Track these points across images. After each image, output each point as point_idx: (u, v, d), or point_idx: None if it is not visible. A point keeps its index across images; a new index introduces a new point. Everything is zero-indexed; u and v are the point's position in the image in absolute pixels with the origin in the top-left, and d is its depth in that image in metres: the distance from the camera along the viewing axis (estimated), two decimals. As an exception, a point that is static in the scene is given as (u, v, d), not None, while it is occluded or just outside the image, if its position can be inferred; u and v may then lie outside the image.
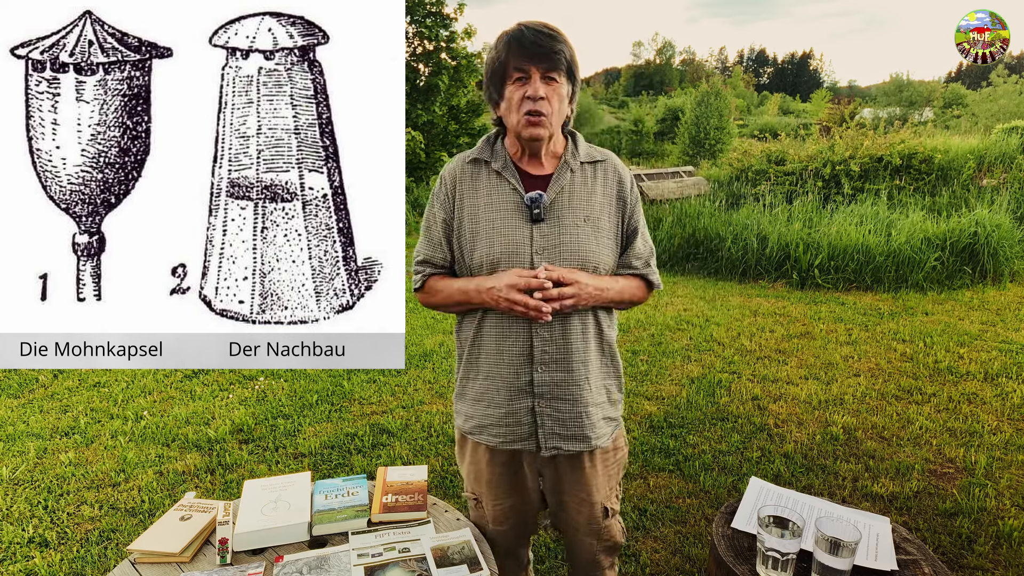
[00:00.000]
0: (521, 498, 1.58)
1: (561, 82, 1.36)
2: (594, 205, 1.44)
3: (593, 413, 1.47)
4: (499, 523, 1.60)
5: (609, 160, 1.50)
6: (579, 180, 1.45)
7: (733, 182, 10.55)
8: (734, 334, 4.93)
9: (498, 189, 1.44)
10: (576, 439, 1.47)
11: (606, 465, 1.55)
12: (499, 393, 1.46)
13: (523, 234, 1.40)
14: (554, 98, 1.36)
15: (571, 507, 1.56)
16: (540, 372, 1.43)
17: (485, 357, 1.47)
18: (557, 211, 1.41)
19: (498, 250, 1.40)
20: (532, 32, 1.34)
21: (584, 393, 1.45)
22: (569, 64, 1.36)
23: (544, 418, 1.45)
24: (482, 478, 1.57)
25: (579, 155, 1.46)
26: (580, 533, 1.59)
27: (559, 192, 1.42)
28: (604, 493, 1.56)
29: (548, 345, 1.42)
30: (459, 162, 1.50)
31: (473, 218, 1.44)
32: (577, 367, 1.44)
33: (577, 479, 1.53)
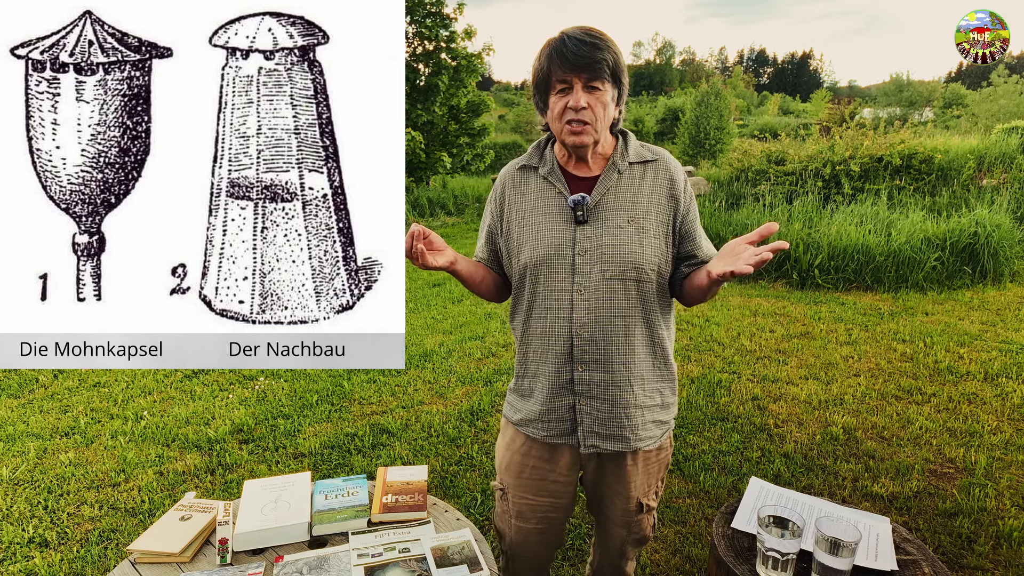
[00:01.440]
0: (549, 498, 1.58)
1: (605, 88, 1.36)
2: (640, 205, 1.43)
3: (635, 415, 1.47)
4: (523, 519, 1.60)
5: (661, 159, 1.48)
6: (626, 181, 1.45)
7: (733, 182, 10.55)
8: (734, 334, 4.93)
9: (545, 194, 1.47)
10: (615, 439, 1.48)
11: (648, 464, 1.56)
12: (543, 390, 1.49)
13: (567, 236, 1.42)
14: (597, 106, 1.36)
15: (607, 499, 1.59)
16: (580, 371, 1.45)
17: (532, 355, 1.52)
18: (601, 212, 1.42)
19: (541, 252, 1.44)
20: (574, 42, 1.33)
21: (625, 394, 1.45)
22: (613, 69, 1.35)
23: (584, 416, 1.47)
24: (513, 468, 1.59)
25: (628, 155, 1.46)
26: (612, 523, 1.62)
27: (604, 193, 1.43)
28: (643, 490, 1.57)
29: (587, 345, 1.43)
30: (510, 169, 1.55)
31: (520, 222, 1.49)
32: (618, 368, 1.44)
33: (617, 474, 1.55)
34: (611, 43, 1.35)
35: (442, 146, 14.21)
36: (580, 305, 1.41)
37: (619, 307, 1.41)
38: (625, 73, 1.39)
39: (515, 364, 1.60)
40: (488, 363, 4.42)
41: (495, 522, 1.70)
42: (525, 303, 1.50)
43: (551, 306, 1.45)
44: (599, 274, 1.40)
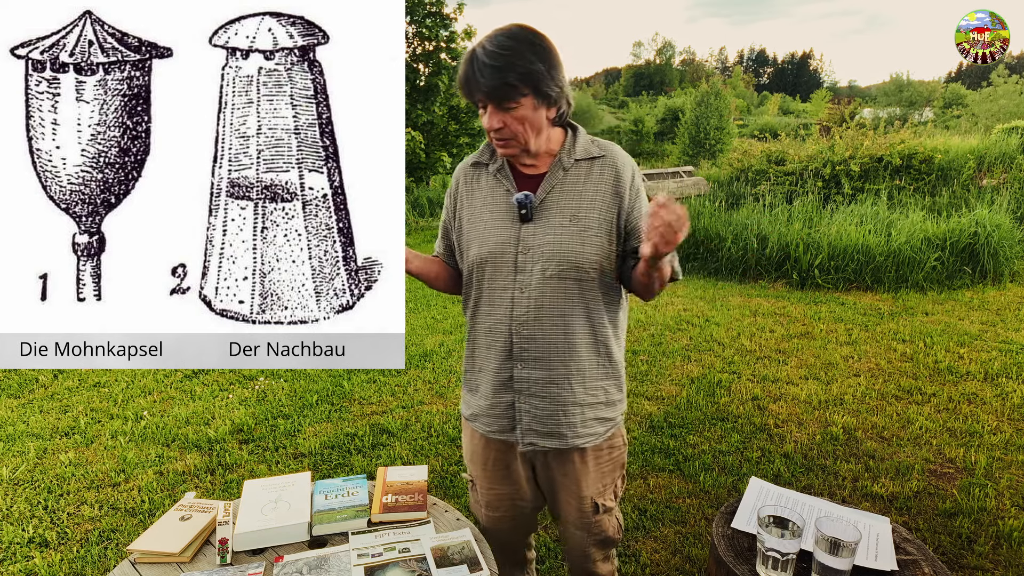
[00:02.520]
0: (514, 488, 1.61)
1: (520, 103, 1.31)
2: (583, 202, 1.42)
3: (575, 412, 1.47)
4: (492, 509, 1.64)
5: (608, 155, 1.45)
6: (571, 178, 1.43)
7: (733, 182, 10.55)
8: (734, 334, 4.93)
9: (494, 191, 1.48)
10: (552, 436, 1.48)
11: (599, 463, 1.55)
12: (487, 386, 1.52)
13: (512, 234, 1.43)
14: (513, 123, 1.33)
15: (561, 500, 1.59)
16: (519, 369, 1.46)
17: (478, 350, 1.54)
18: (546, 210, 1.42)
19: (487, 249, 1.45)
20: (479, 64, 1.29)
21: (564, 392, 1.46)
22: (527, 82, 1.29)
23: (522, 414, 1.48)
24: (477, 461, 1.63)
25: (575, 152, 1.44)
26: (570, 525, 1.61)
27: (549, 191, 1.43)
28: (596, 489, 1.56)
29: (527, 343, 1.44)
30: (464, 165, 1.56)
31: (470, 219, 1.51)
32: (557, 366, 1.44)
33: (566, 473, 1.54)
34: (523, 53, 1.28)
35: (442, 146, 14.21)
36: (520, 303, 1.42)
37: (559, 305, 1.41)
38: (547, 77, 1.31)
39: (465, 358, 1.62)
40: (488, 363, 4.41)
41: (471, 509, 1.74)
42: (472, 299, 1.52)
43: (495, 303, 1.46)
44: (540, 272, 1.40)
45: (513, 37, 1.30)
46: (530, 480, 1.61)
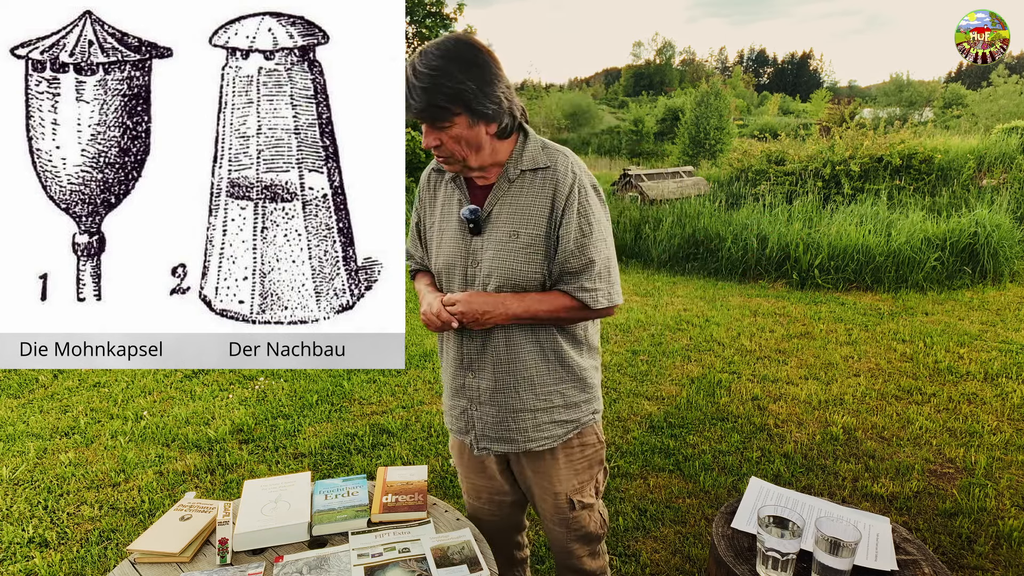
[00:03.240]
0: (489, 481, 1.65)
1: (454, 122, 1.29)
2: (523, 217, 1.39)
3: (525, 418, 1.48)
4: (472, 497, 1.71)
5: (552, 166, 1.39)
6: (515, 190, 1.40)
7: (733, 182, 10.56)
8: (734, 334, 4.93)
9: (451, 200, 1.49)
10: (504, 441, 1.51)
11: (571, 460, 1.56)
12: (447, 389, 1.59)
13: (463, 246, 1.45)
14: (449, 141, 1.32)
15: (537, 496, 1.61)
16: (470, 377, 1.50)
17: (441, 356, 1.61)
18: (492, 224, 1.42)
19: (442, 260, 1.49)
20: (409, 86, 1.28)
21: (511, 400, 1.47)
22: (460, 99, 1.26)
23: (475, 420, 1.53)
24: (455, 449, 1.70)
25: (522, 162, 1.40)
26: (548, 522, 1.63)
27: (495, 204, 1.42)
28: (571, 486, 1.56)
29: (474, 354, 1.48)
30: (428, 170, 1.57)
31: (431, 227, 1.55)
32: (502, 376, 1.46)
33: (536, 470, 1.56)
34: (452, 72, 1.24)
35: (442, 146, 14.20)
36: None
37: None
38: (479, 94, 1.27)
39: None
40: (488, 363, 4.42)
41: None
42: None
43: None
44: (482, 286, 1.42)
45: (443, 55, 1.26)
46: (505, 473, 1.64)
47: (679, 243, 7.50)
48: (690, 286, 6.60)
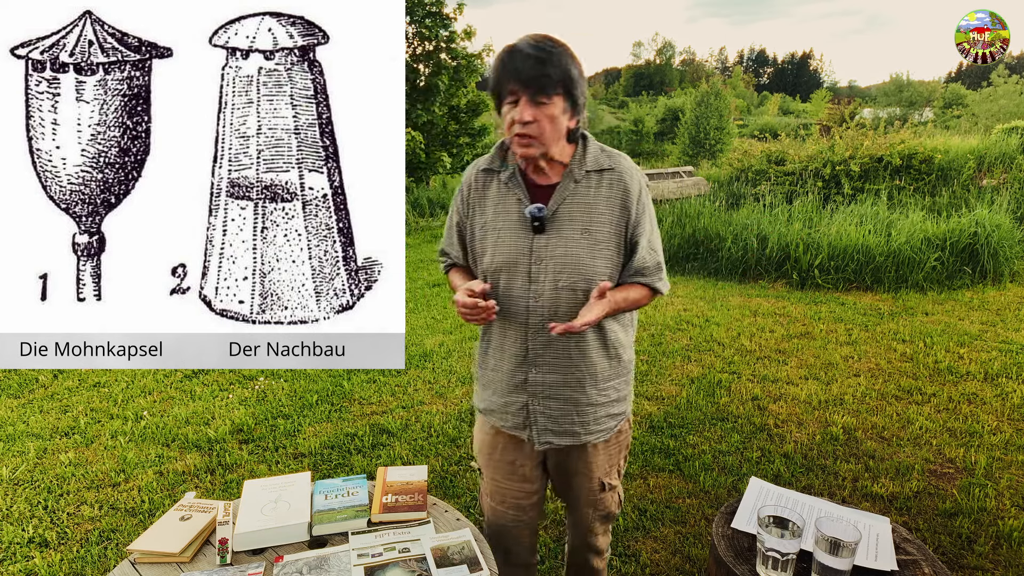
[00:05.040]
0: (518, 481, 1.65)
1: (553, 102, 1.35)
2: (594, 216, 1.44)
3: (588, 412, 1.53)
4: (496, 500, 1.69)
5: (617, 168, 1.47)
6: (582, 190, 1.45)
7: (733, 182, 10.55)
8: (734, 334, 4.93)
9: (506, 199, 1.49)
10: (567, 435, 1.54)
11: (608, 447, 1.63)
12: (500, 385, 1.56)
13: (525, 244, 1.45)
14: (543, 119, 1.35)
15: (574, 484, 1.66)
16: (534, 373, 1.50)
17: (492, 352, 1.57)
18: (558, 222, 1.44)
19: (500, 260, 1.47)
20: (522, 56, 1.32)
21: (578, 395, 1.51)
22: (563, 81, 1.34)
23: (537, 415, 1.53)
24: (485, 450, 1.68)
25: (586, 163, 1.46)
26: (580, 503, 1.69)
27: (560, 203, 1.45)
28: (604, 470, 1.64)
29: (542, 349, 1.48)
30: (474, 170, 1.57)
31: (483, 227, 1.52)
32: (571, 371, 1.49)
33: (583, 459, 1.61)
34: (563, 55, 1.34)
35: (442, 146, 14.21)
36: (535, 312, 1.45)
37: (572, 315, 1.42)
38: (579, 84, 1.37)
39: (478, 354, 1.65)
40: (488, 363, 4.41)
41: (479, 500, 1.79)
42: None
43: (509, 310, 1.48)
44: (552, 283, 1.43)
45: (554, 43, 1.35)
46: (535, 471, 1.65)
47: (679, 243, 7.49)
48: (690, 286, 6.60)
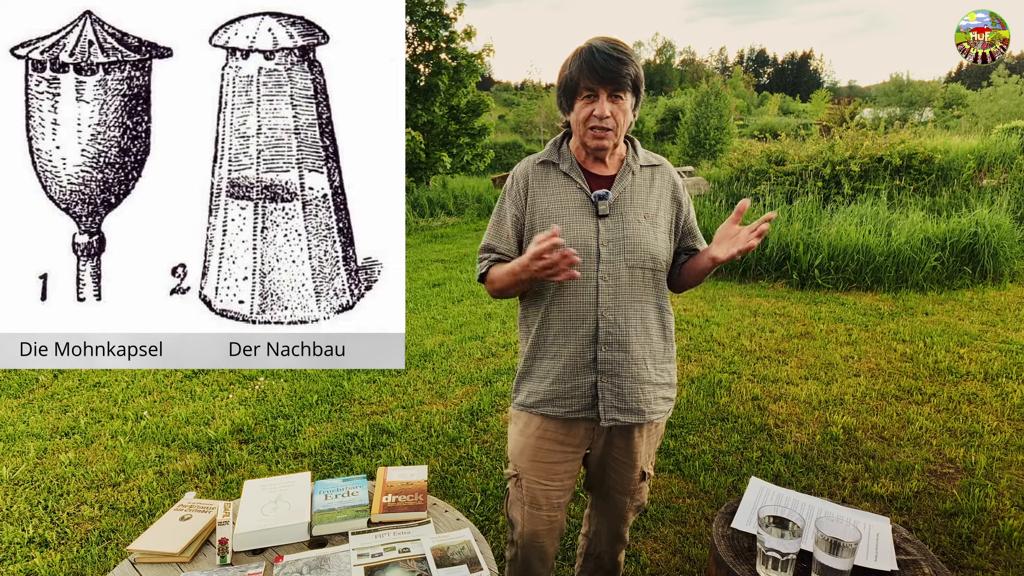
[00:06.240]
0: (559, 482, 1.69)
1: (626, 98, 1.49)
2: (651, 204, 1.60)
3: (649, 391, 1.61)
4: (535, 506, 1.70)
5: (664, 165, 1.67)
6: (639, 181, 1.60)
7: (733, 182, 10.55)
8: (734, 334, 4.93)
9: (566, 188, 1.58)
10: (632, 412, 1.60)
11: (650, 435, 1.70)
12: (564, 370, 1.60)
13: (590, 228, 1.55)
14: (619, 114, 1.49)
15: (613, 471, 1.73)
16: (604, 351, 1.56)
17: (551, 337, 1.61)
18: (620, 208, 1.57)
19: (567, 242, 1.51)
20: (603, 56, 1.45)
21: (642, 372, 1.59)
22: (635, 81, 1.49)
23: (605, 392, 1.58)
24: (528, 452, 1.68)
25: (639, 159, 1.62)
26: (616, 492, 1.76)
27: (622, 191, 1.58)
28: (645, 459, 1.72)
29: (612, 327, 1.55)
30: (530, 163, 1.65)
31: (544, 215, 1.58)
32: (636, 348, 1.58)
33: (625, 447, 1.68)
34: (635, 57, 1.49)
35: (442, 146, 14.22)
36: (605, 291, 1.54)
37: (638, 293, 1.56)
38: (643, 84, 1.53)
39: (525, 352, 1.67)
40: (488, 363, 4.41)
41: (507, 511, 1.78)
42: (550, 290, 1.59)
43: (577, 292, 1.55)
44: (623, 263, 1.54)
45: (623, 45, 1.50)
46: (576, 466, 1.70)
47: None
48: (690, 286, 6.60)
